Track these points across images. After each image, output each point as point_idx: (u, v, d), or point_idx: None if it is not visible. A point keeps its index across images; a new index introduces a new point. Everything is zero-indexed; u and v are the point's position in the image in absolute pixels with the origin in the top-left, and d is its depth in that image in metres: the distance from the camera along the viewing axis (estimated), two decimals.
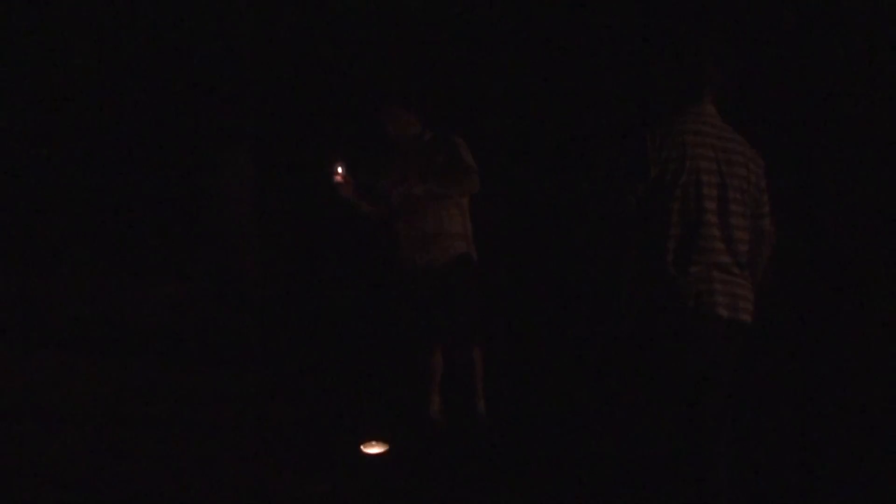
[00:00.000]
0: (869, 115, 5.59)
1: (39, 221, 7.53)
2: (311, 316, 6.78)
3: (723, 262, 2.87)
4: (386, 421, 4.49)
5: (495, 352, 4.85)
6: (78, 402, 5.07)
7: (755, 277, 3.00)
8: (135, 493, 3.72)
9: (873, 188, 5.55)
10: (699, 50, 2.97)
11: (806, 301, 5.42)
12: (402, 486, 3.85)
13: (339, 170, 4.52)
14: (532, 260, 6.39)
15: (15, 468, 3.95)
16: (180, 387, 5.47)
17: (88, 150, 7.73)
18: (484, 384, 4.58)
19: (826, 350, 5.36)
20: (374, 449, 3.95)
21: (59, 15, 7.51)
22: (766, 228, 3.01)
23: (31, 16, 7.56)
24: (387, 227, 4.69)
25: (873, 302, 5.40)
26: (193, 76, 7.29)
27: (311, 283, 7.18)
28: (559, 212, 6.11)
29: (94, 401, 5.10)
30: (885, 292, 5.38)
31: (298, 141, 7.46)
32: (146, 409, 4.98)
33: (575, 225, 5.40)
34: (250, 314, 6.81)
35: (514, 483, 3.92)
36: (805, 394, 4.96)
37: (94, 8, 7.55)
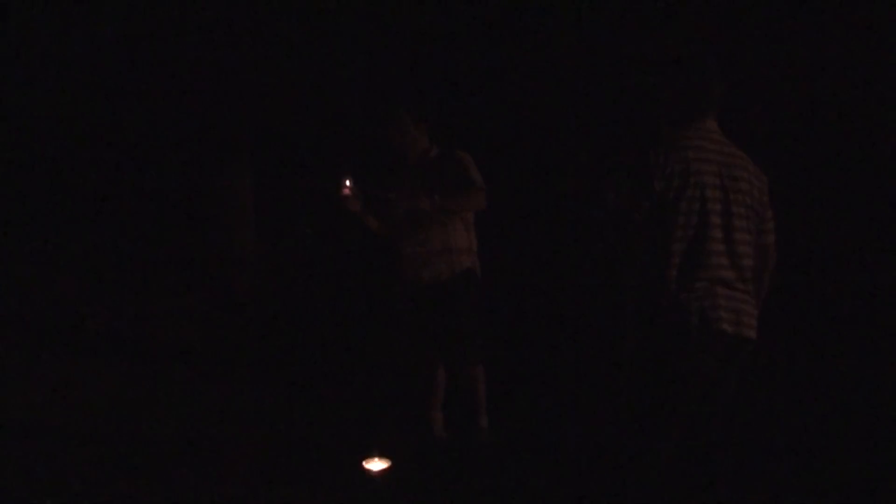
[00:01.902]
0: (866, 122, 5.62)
1: (42, 229, 7.56)
2: (315, 331, 6.77)
3: (727, 277, 2.86)
4: (388, 437, 4.47)
5: (498, 367, 4.83)
6: (83, 412, 5.07)
7: (759, 293, 2.99)
8: None
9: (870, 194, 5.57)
10: (702, 66, 2.97)
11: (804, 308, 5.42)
12: (404, 503, 3.83)
13: (347, 183, 4.52)
14: (535, 275, 6.39)
15: (24, 476, 3.94)
16: (183, 400, 5.47)
17: (94, 164, 7.77)
18: (486, 400, 4.56)
19: (828, 357, 5.36)
20: (376, 465, 3.92)
21: (65, 30, 7.55)
22: (769, 244, 3.01)
23: (36, 30, 7.60)
24: (392, 242, 4.68)
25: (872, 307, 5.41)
26: (195, 94, 7.32)
27: (315, 297, 7.18)
28: (563, 226, 6.12)
29: (97, 412, 5.10)
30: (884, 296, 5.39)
31: (301, 154, 7.49)
32: (148, 421, 4.98)
33: (580, 239, 5.40)
34: (253, 329, 6.81)
35: (516, 499, 3.90)
36: (808, 401, 4.96)
37: (95, 23, 7.59)
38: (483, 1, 6.88)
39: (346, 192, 4.50)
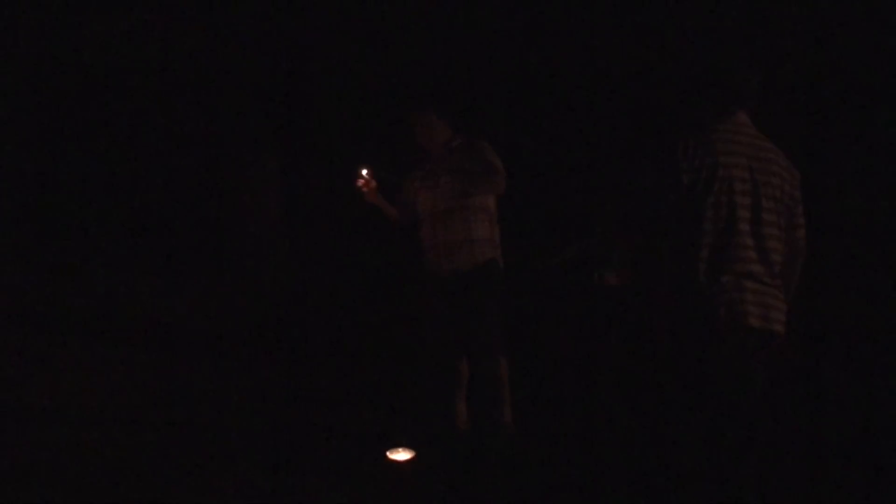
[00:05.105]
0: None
1: (72, 221, 7.62)
2: (339, 321, 6.79)
3: (755, 271, 2.84)
4: (412, 428, 4.48)
5: (521, 359, 4.83)
6: (104, 401, 5.09)
7: (788, 288, 2.98)
8: (155, 498, 3.71)
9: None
10: (734, 61, 2.96)
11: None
12: (428, 493, 3.84)
13: (364, 173, 4.53)
14: (558, 267, 6.37)
15: (37, 466, 3.95)
16: (206, 390, 5.49)
17: (118, 154, 7.82)
18: (510, 393, 4.56)
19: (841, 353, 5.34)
20: (400, 456, 3.94)
21: (93, 20, 7.60)
22: (799, 239, 2.99)
23: (61, 22, 7.66)
24: (413, 233, 4.69)
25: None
26: (221, 80, 7.35)
27: (339, 287, 7.20)
28: (587, 218, 6.10)
29: (118, 401, 5.12)
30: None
31: (325, 143, 7.51)
32: (170, 411, 5.00)
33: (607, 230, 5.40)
34: (278, 318, 6.84)
35: (539, 492, 3.91)
36: (835, 397, 4.94)
37: (124, 13, 7.63)
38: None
39: (362, 182, 4.51)
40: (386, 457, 3.97)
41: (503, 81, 6.82)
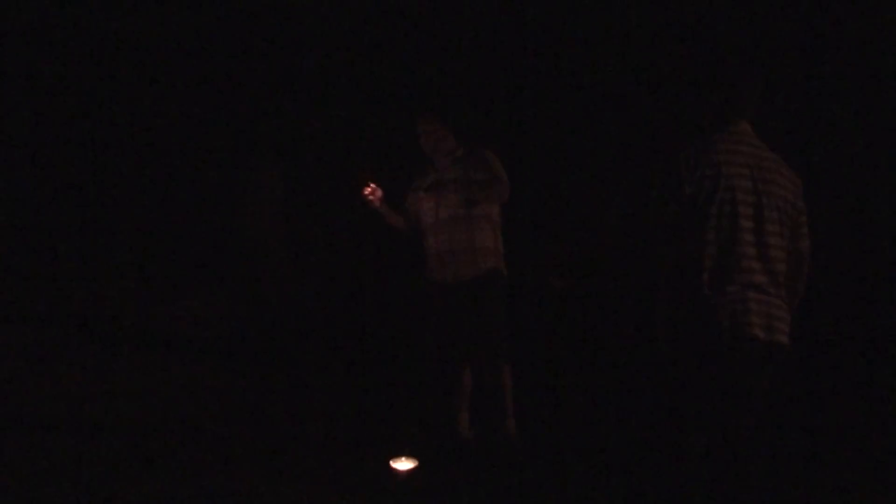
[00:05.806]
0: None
1: (73, 226, 7.64)
2: (343, 329, 6.79)
3: (759, 282, 2.83)
4: (416, 437, 4.48)
5: (524, 368, 4.83)
6: (105, 405, 5.11)
7: (793, 298, 2.97)
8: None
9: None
10: (736, 70, 2.95)
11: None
12: (431, 502, 3.84)
13: (370, 184, 4.54)
14: (561, 276, 6.37)
15: (38, 467, 3.97)
16: (208, 396, 5.50)
17: (120, 160, 7.85)
18: (513, 401, 4.55)
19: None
20: (403, 464, 3.93)
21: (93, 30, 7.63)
22: (804, 249, 2.98)
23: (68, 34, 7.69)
24: (417, 242, 4.69)
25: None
26: (225, 92, 7.37)
27: (343, 295, 7.21)
28: (590, 228, 6.10)
29: (120, 405, 5.13)
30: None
31: (329, 154, 7.52)
32: (172, 417, 5.00)
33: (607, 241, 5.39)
34: (282, 326, 6.85)
35: (542, 500, 3.90)
36: (838, 407, 4.93)
37: (125, 23, 7.66)
38: (511, 8, 6.90)
39: (368, 190, 4.53)
40: (389, 465, 3.97)
41: (502, 86, 6.83)
